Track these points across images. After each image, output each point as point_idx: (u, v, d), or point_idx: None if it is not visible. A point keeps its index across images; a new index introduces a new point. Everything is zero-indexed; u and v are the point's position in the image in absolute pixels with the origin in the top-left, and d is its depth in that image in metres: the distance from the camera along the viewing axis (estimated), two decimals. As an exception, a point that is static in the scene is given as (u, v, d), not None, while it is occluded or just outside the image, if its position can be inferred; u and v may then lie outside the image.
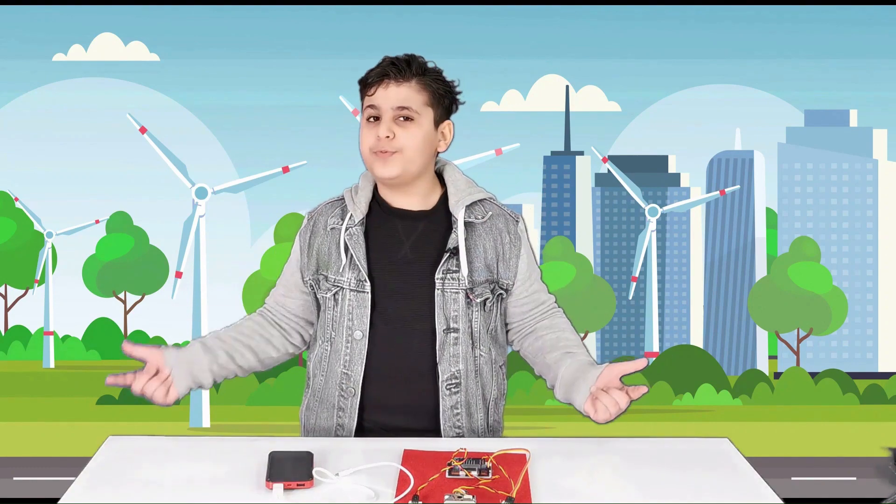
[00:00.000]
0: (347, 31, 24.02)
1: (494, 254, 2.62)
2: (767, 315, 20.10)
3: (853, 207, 23.13)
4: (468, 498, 2.04)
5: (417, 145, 2.56)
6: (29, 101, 22.08)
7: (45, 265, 20.18)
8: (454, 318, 2.58)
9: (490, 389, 2.66)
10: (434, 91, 2.58)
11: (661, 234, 25.16)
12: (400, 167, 2.55)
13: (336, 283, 2.61)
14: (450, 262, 2.57)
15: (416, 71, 2.56)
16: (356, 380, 2.60)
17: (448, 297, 2.57)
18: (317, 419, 2.68)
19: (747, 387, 18.01)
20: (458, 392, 2.60)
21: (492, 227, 2.63)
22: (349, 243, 2.60)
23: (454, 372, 2.59)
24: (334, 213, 2.66)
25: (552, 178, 25.19)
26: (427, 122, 2.57)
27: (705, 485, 2.20)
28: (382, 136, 2.54)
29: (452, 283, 2.57)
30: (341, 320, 2.61)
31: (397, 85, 2.55)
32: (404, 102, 2.54)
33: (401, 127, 2.55)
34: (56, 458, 12.66)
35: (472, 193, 2.63)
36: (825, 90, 23.94)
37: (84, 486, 2.17)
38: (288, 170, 15.69)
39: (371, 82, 2.58)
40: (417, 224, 2.61)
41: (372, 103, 2.56)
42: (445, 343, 2.58)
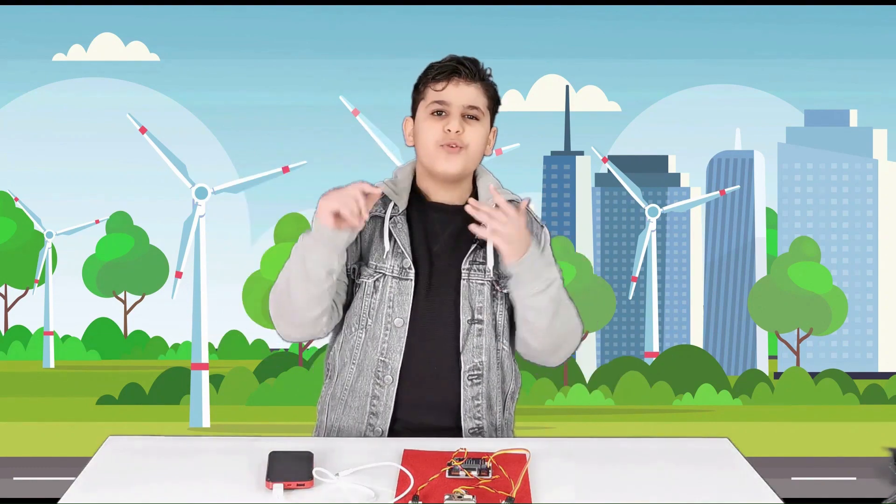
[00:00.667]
0: (347, 31, 24.03)
1: None
2: (767, 315, 20.10)
3: (853, 207, 23.13)
4: (468, 498, 2.04)
5: (480, 144, 2.63)
6: (29, 101, 22.09)
7: (45, 265, 20.18)
8: (479, 309, 2.60)
9: (509, 383, 2.68)
10: (492, 96, 2.65)
11: (661, 234, 25.17)
12: (463, 163, 2.60)
13: (378, 269, 2.61)
14: (476, 253, 2.61)
15: (481, 74, 2.64)
16: (394, 368, 2.59)
17: (474, 288, 2.60)
18: (345, 408, 2.65)
19: (747, 387, 18.01)
20: (480, 384, 2.61)
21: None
22: (393, 231, 2.61)
23: (476, 363, 2.60)
24: (376, 203, 2.64)
25: (552, 178, 25.20)
26: (487, 124, 2.65)
27: (705, 485, 2.20)
28: (453, 130, 2.58)
29: (478, 274, 2.60)
30: (380, 307, 2.60)
31: (466, 84, 2.61)
32: (474, 102, 2.61)
33: (467, 124, 2.61)
34: (56, 458, 12.67)
35: (504, 192, 2.67)
36: (825, 90, 23.94)
37: (84, 486, 2.17)
38: (288, 170, 15.69)
39: (440, 78, 2.61)
40: (454, 218, 2.63)
41: (442, 98, 2.60)
42: (469, 334, 2.59)
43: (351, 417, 2.64)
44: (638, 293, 19.68)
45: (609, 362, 18.74)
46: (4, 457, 13.27)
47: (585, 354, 21.24)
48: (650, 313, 19.56)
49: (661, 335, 20.76)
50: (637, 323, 25.32)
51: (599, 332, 24.06)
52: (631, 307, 24.88)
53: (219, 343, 20.43)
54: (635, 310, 24.94)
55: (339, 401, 2.67)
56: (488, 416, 2.63)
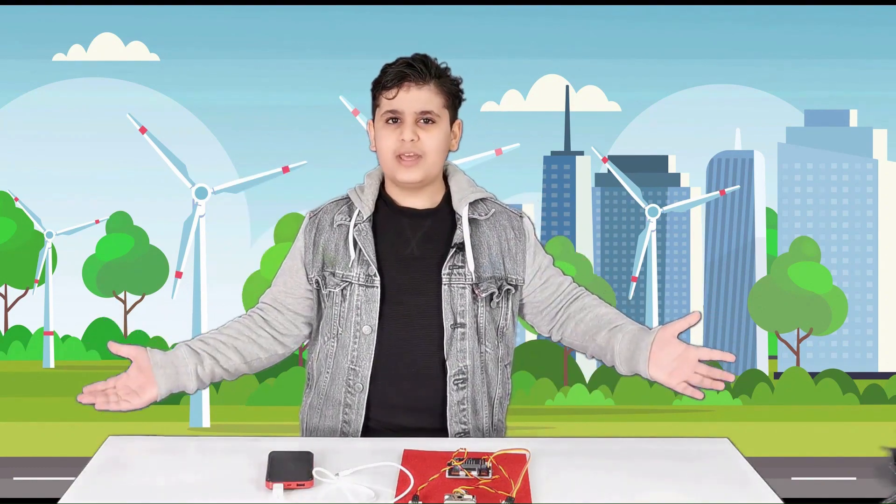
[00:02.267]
0: (347, 31, 24.03)
1: (499, 250, 2.62)
2: (767, 315, 20.10)
3: (853, 207, 23.12)
4: (468, 498, 2.04)
5: (439, 148, 2.58)
6: (29, 101, 22.07)
7: (45, 265, 20.18)
8: (461, 312, 2.58)
9: (495, 387, 2.65)
10: (449, 93, 2.60)
11: (661, 234, 25.15)
12: (422, 172, 2.57)
13: (345, 278, 2.60)
14: (455, 257, 2.58)
15: (434, 73, 2.58)
16: (364, 375, 2.58)
17: (455, 293, 2.57)
18: (321, 418, 2.65)
19: (747, 387, 18.01)
20: (465, 388, 2.59)
21: (495, 224, 2.64)
22: (357, 239, 2.59)
23: (461, 367, 2.58)
24: (340, 211, 2.65)
25: (552, 178, 25.18)
26: (445, 124, 2.60)
27: (705, 485, 2.20)
28: (407, 140, 2.55)
29: (459, 278, 2.57)
30: (349, 315, 2.59)
31: (418, 88, 2.56)
32: (427, 106, 2.56)
33: (423, 130, 2.57)
34: (56, 458, 12.65)
35: (475, 192, 2.64)
36: (825, 90, 23.93)
37: (84, 486, 2.17)
38: (288, 170, 15.68)
39: (390, 85, 2.57)
40: (424, 222, 2.62)
41: (393, 107, 2.57)
42: (453, 338, 2.57)
43: (326, 426, 2.64)
44: (638, 293, 19.68)
45: (609, 362, 18.74)
46: (4, 457, 13.26)
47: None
48: (650, 313, 19.54)
49: (661, 335, 20.71)
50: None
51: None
52: (631, 307, 24.84)
53: (219, 343, 20.40)
54: (635, 310, 24.90)
55: (316, 409, 2.67)
56: (474, 421, 2.61)
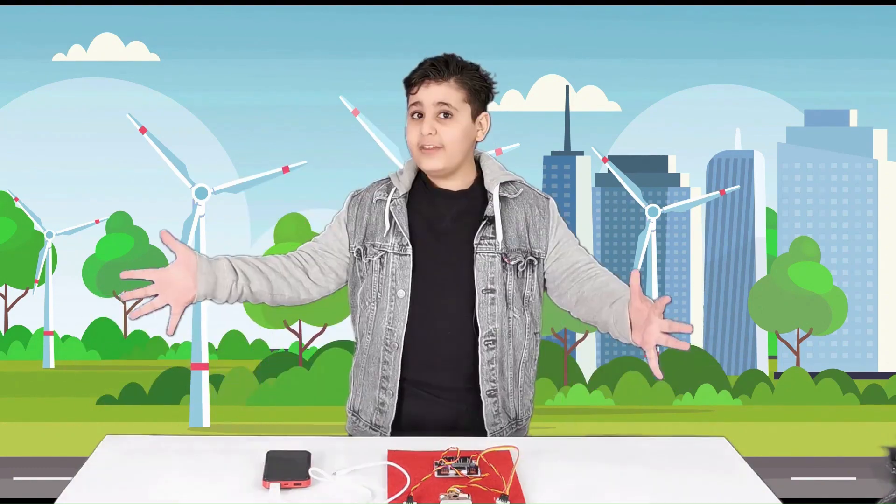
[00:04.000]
0: (348, 31, 24.03)
1: (525, 225, 2.91)
2: (767, 315, 20.10)
3: (853, 207, 23.12)
4: (463, 497, 2.05)
5: (457, 139, 2.85)
6: (29, 101, 22.07)
7: (45, 265, 20.18)
8: (491, 279, 2.83)
9: (521, 351, 2.89)
10: (471, 87, 2.88)
11: (661, 234, 25.14)
12: (443, 161, 2.85)
13: (381, 248, 2.87)
14: (486, 229, 2.85)
15: (453, 70, 2.86)
16: (399, 335, 2.84)
17: (486, 261, 2.83)
18: (364, 375, 2.92)
19: (747, 387, 18.01)
20: (494, 349, 2.83)
21: (523, 202, 2.94)
22: (393, 212, 2.86)
23: (491, 329, 2.82)
24: (380, 189, 2.95)
25: (552, 178, 25.17)
26: (465, 117, 2.87)
27: (701, 484, 2.20)
28: (426, 133, 2.82)
29: (489, 247, 2.84)
30: (386, 281, 2.86)
31: (437, 84, 2.84)
32: (444, 99, 2.83)
33: (441, 123, 2.84)
34: (56, 458, 12.65)
35: (506, 175, 2.94)
36: (825, 90, 23.90)
37: (81, 485, 2.17)
38: (288, 170, 15.69)
39: (414, 82, 2.86)
40: (458, 201, 2.90)
41: (415, 101, 2.85)
42: (484, 303, 2.83)
43: (369, 382, 2.91)
44: (638, 293, 19.65)
45: (609, 362, 18.73)
46: (4, 457, 13.26)
47: (585, 354, 21.22)
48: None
49: (661, 335, 20.71)
50: (637, 323, 25.26)
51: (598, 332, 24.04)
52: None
53: (219, 343, 20.41)
54: (635, 310, 24.89)
55: (360, 367, 2.96)
56: (500, 381, 2.85)
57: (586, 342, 21.17)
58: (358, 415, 2.91)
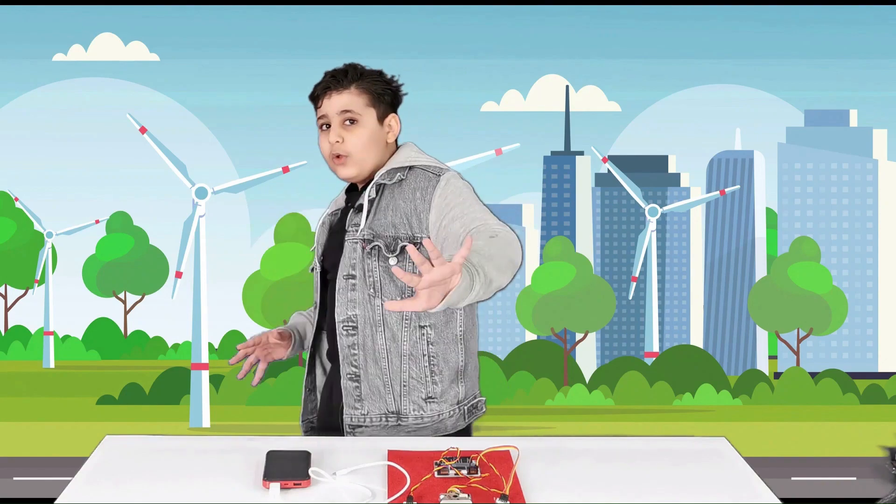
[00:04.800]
0: (347, 31, 24.03)
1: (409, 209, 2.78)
2: (767, 315, 20.10)
3: (853, 207, 23.12)
4: (463, 497, 2.05)
5: (364, 144, 2.86)
6: (29, 101, 22.07)
7: (45, 265, 20.18)
8: (352, 265, 2.82)
9: (401, 344, 2.76)
10: (372, 91, 2.89)
11: (661, 234, 25.14)
12: (354, 168, 2.88)
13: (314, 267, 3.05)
14: (356, 216, 2.86)
15: (352, 77, 2.90)
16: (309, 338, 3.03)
17: (350, 247, 2.85)
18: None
19: (747, 387, 18.00)
20: (355, 335, 2.80)
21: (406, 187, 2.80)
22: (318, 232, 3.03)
23: (350, 316, 2.81)
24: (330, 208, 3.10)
25: (552, 178, 25.17)
26: (370, 121, 2.88)
27: (701, 484, 2.20)
28: (333, 141, 2.86)
29: (353, 233, 2.85)
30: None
31: (339, 93, 2.89)
32: (346, 107, 2.87)
33: (347, 130, 2.86)
34: (56, 458, 12.65)
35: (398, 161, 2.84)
36: (825, 90, 23.91)
37: (81, 485, 2.17)
38: (288, 170, 15.69)
39: (317, 95, 2.92)
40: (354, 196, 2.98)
41: (321, 113, 2.91)
42: (343, 288, 2.84)
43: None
44: (638, 293, 19.68)
45: (609, 362, 18.73)
46: (4, 457, 13.26)
47: (585, 354, 21.21)
48: (650, 313, 19.55)
49: (661, 335, 20.75)
50: (637, 323, 25.30)
51: (599, 332, 24.02)
52: (631, 307, 24.85)
53: (219, 343, 20.41)
54: (635, 310, 24.91)
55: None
56: (374, 369, 2.77)
57: (586, 342, 21.17)
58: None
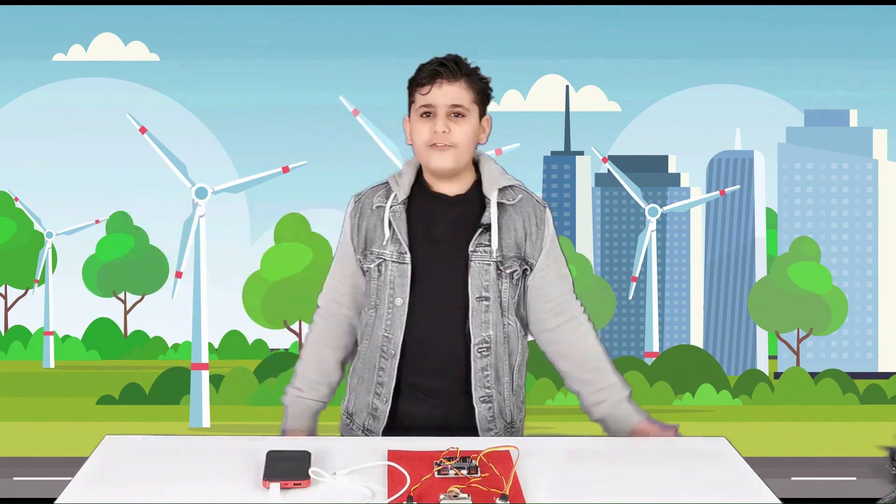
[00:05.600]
0: (347, 31, 24.05)
1: (523, 233, 2.86)
2: (767, 315, 20.10)
3: (853, 207, 23.12)
4: (463, 497, 2.04)
5: (469, 139, 2.83)
6: (29, 101, 22.09)
7: (45, 265, 20.18)
8: (485, 287, 2.81)
9: (516, 355, 2.88)
10: (479, 90, 2.85)
11: (661, 234, 25.16)
12: (454, 159, 2.82)
13: (380, 255, 2.86)
14: (482, 236, 2.82)
15: (464, 71, 2.82)
16: (396, 343, 2.83)
17: (480, 268, 2.81)
18: (359, 381, 2.91)
19: (747, 387, 18.00)
20: (489, 356, 2.82)
21: (521, 210, 2.88)
22: (392, 219, 2.84)
23: (485, 337, 2.81)
24: (379, 195, 2.91)
25: (552, 178, 25.20)
26: (475, 118, 2.84)
27: (701, 484, 2.20)
28: (440, 131, 2.79)
29: (484, 255, 2.81)
30: (384, 289, 2.85)
31: (450, 84, 2.81)
32: (458, 100, 2.81)
33: (454, 123, 2.81)
34: (56, 458, 12.65)
35: (505, 179, 2.89)
36: (825, 90, 23.93)
37: (81, 485, 2.17)
38: (288, 170, 15.69)
39: (425, 82, 2.81)
40: (455, 206, 2.87)
41: (428, 101, 2.81)
42: (477, 310, 2.81)
43: (364, 387, 2.90)
44: (638, 293, 19.68)
45: (609, 362, 18.75)
46: (4, 457, 13.27)
47: (585, 354, 21.23)
48: (650, 313, 19.55)
49: (661, 335, 20.75)
50: (637, 323, 25.31)
51: (599, 332, 24.04)
52: (631, 307, 24.87)
53: (219, 343, 20.42)
54: (635, 310, 24.93)
55: (356, 373, 2.94)
56: (496, 386, 2.84)
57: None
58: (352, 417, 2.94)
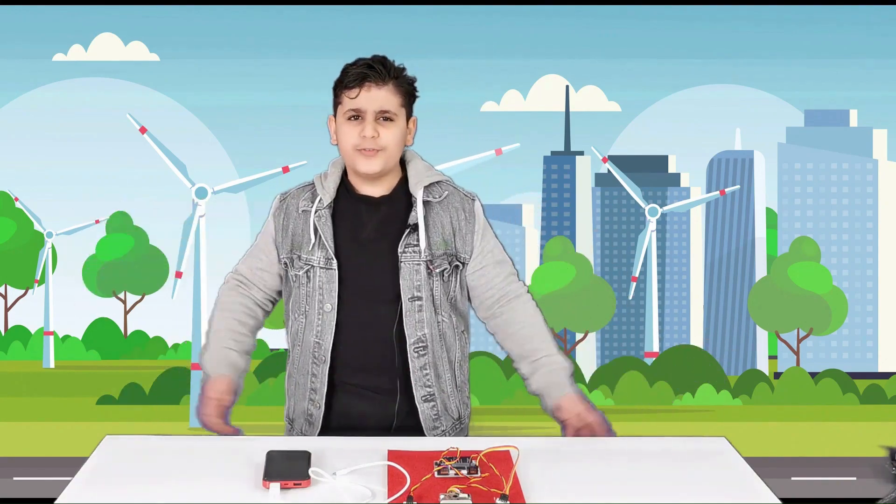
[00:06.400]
0: (347, 31, 24.04)
1: (451, 229, 2.85)
2: (767, 315, 20.09)
3: (853, 207, 23.12)
4: (463, 497, 2.05)
5: (397, 143, 2.82)
6: (29, 101, 22.07)
7: (45, 265, 20.18)
8: (417, 287, 2.81)
9: (454, 352, 2.88)
10: (406, 92, 2.83)
11: (661, 234, 25.15)
12: (382, 163, 2.81)
13: (307, 261, 2.85)
14: (410, 237, 2.82)
15: (392, 74, 2.81)
16: (326, 348, 2.84)
17: (410, 268, 2.81)
18: (296, 386, 2.93)
19: (747, 387, 18.00)
20: (426, 354, 2.82)
21: (448, 206, 2.87)
22: (318, 225, 2.84)
23: (420, 336, 2.82)
24: (305, 197, 2.91)
25: (552, 178, 25.18)
26: (402, 121, 2.83)
27: (701, 484, 2.20)
28: (368, 136, 2.78)
29: (413, 255, 2.81)
30: (314, 295, 2.85)
31: (378, 88, 2.79)
32: (385, 105, 2.79)
33: (382, 127, 2.80)
34: (56, 458, 12.65)
35: (431, 176, 2.88)
36: (825, 90, 23.91)
37: (81, 485, 2.17)
38: (288, 170, 15.69)
39: (352, 85, 2.80)
40: (380, 207, 2.86)
41: (355, 105, 2.80)
42: (411, 310, 2.81)
43: (300, 392, 2.92)
44: (638, 293, 19.68)
45: (609, 362, 18.73)
46: (4, 457, 13.26)
47: (585, 354, 21.22)
48: (650, 313, 19.55)
49: (661, 335, 20.75)
50: (637, 323, 25.30)
51: (599, 332, 24.02)
52: (631, 307, 24.85)
53: (219, 343, 20.39)
54: (635, 310, 24.91)
55: (292, 378, 2.96)
56: (437, 384, 2.84)
57: (586, 342, 21.17)
58: (292, 423, 2.94)
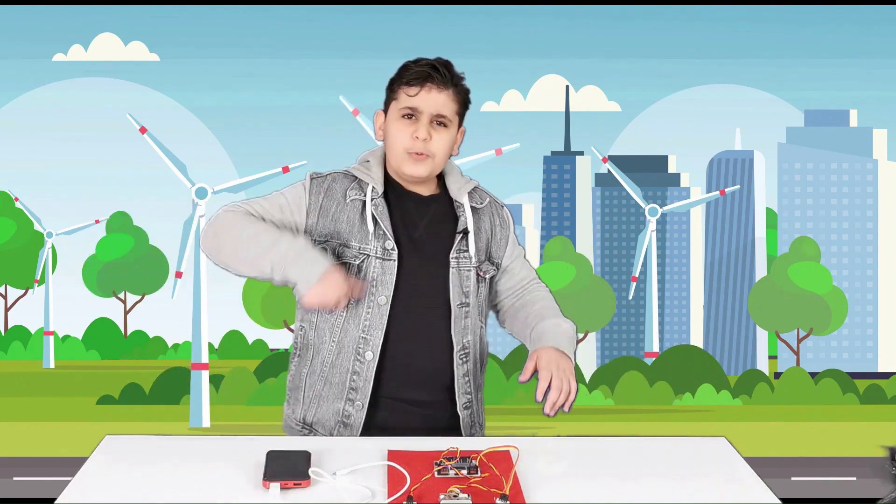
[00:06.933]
0: (347, 31, 24.04)
1: (490, 235, 2.82)
2: (767, 315, 20.09)
3: (853, 207, 23.12)
4: (463, 497, 2.04)
5: (447, 150, 2.74)
6: (29, 101, 22.08)
7: (45, 265, 20.18)
8: (466, 293, 2.75)
9: (485, 357, 2.87)
10: (462, 101, 2.75)
11: (661, 234, 25.16)
12: (430, 169, 2.72)
13: (361, 250, 2.69)
14: (461, 243, 2.75)
15: (454, 80, 2.72)
16: (375, 343, 2.68)
17: (462, 275, 2.74)
18: (325, 384, 2.72)
19: (747, 387, 18.00)
20: (468, 362, 2.77)
21: (487, 212, 2.84)
22: (375, 213, 2.70)
23: (464, 343, 2.75)
24: (352, 187, 2.75)
25: (552, 178, 25.19)
26: (455, 129, 2.75)
27: (701, 483, 2.20)
28: (421, 138, 2.68)
29: (465, 261, 2.75)
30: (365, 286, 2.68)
31: (438, 91, 2.70)
32: (443, 109, 2.70)
33: (435, 131, 2.71)
34: (56, 458, 12.65)
35: (469, 182, 2.84)
36: (825, 90, 23.93)
37: (80, 485, 2.17)
38: (288, 170, 15.69)
39: (414, 83, 2.69)
40: (429, 207, 2.77)
41: (413, 104, 2.69)
42: (458, 316, 2.74)
43: (332, 393, 2.71)
44: (638, 293, 19.68)
45: (609, 362, 18.73)
46: (4, 457, 13.26)
47: (585, 354, 21.22)
48: (650, 313, 19.55)
49: (661, 335, 20.75)
50: (637, 323, 25.31)
51: (599, 332, 24.04)
52: (631, 307, 24.86)
53: (219, 343, 20.41)
54: (635, 310, 24.92)
55: (320, 377, 2.73)
56: (475, 392, 2.81)
57: (586, 342, 21.17)
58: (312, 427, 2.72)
